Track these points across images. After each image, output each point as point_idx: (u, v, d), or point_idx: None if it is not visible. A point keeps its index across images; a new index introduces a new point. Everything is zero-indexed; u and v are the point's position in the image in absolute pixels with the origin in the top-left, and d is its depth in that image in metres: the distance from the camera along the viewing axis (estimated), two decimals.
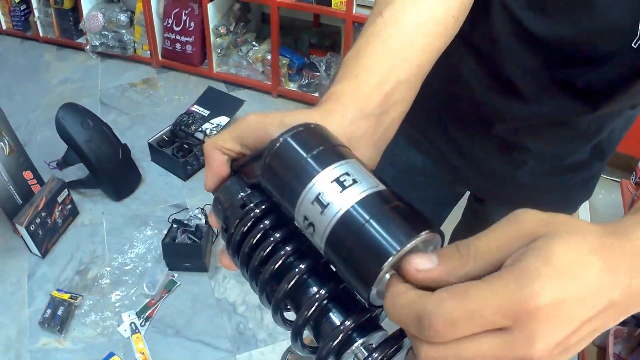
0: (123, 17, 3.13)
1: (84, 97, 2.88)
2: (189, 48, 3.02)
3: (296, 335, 0.40)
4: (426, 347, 0.32)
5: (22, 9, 3.51)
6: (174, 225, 2.01)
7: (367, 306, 0.36)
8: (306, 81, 2.88)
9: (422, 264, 0.33)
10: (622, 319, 0.34)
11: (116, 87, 3.06)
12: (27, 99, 2.97)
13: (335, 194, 0.35)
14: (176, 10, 2.96)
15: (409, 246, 0.33)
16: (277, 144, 0.39)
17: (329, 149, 0.39)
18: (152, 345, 1.76)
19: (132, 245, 2.09)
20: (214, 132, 2.48)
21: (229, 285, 1.96)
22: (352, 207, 0.35)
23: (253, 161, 0.44)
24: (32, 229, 1.97)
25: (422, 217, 0.35)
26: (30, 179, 2.12)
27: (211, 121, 2.57)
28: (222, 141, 0.46)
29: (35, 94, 3.01)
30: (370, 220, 0.34)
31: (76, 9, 3.28)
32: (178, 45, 3.04)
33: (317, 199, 0.36)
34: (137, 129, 2.70)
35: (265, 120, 0.45)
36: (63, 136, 2.15)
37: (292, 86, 2.92)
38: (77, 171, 2.31)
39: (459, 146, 0.89)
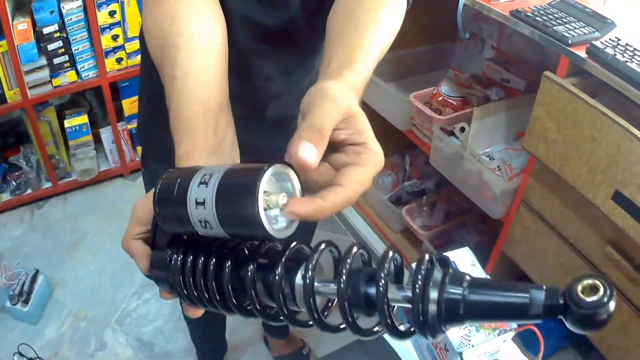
0: None
1: None
2: None
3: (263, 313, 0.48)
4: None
5: None
6: None
7: (277, 242, 0.47)
8: (15, 183, 2.79)
9: (312, 156, 0.46)
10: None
11: None
12: None
13: (203, 190, 0.45)
14: None
15: (264, 181, 0.43)
16: (156, 196, 0.50)
17: (185, 174, 0.49)
18: None
19: None
20: None
21: None
22: (216, 189, 0.44)
23: (156, 230, 0.55)
24: None
25: (260, 164, 0.45)
26: None
27: None
28: (129, 232, 0.56)
29: None
30: (230, 188, 0.44)
31: None
32: None
33: (197, 203, 0.45)
34: None
35: (149, 198, 0.53)
36: None
37: (5, 197, 2.80)
38: None
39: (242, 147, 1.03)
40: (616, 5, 1.63)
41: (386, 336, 0.54)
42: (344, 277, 0.42)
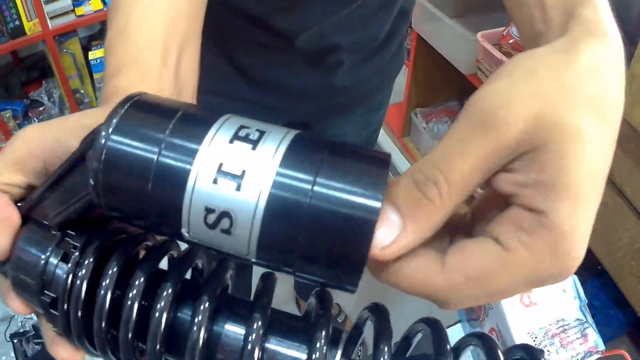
0: None
1: None
2: None
3: None
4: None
5: None
6: (15, 341, 1.84)
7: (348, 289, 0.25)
8: (37, 120, 2.65)
9: (386, 237, 0.24)
10: None
11: None
12: None
13: (246, 155, 0.23)
14: None
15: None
16: (107, 136, 0.25)
17: (190, 110, 0.26)
18: None
19: None
20: None
21: None
22: (281, 166, 0.23)
23: (50, 191, 0.29)
24: None
25: (370, 152, 0.25)
26: None
27: None
28: None
29: None
30: (319, 180, 0.23)
31: None
32: None
33: (221, 172, 0.23)
34: None
35: (49, 129, 0.32)
36: None
37: None
38: None
39: (269, 84, 0.85)
40: None
41: None
42: None
